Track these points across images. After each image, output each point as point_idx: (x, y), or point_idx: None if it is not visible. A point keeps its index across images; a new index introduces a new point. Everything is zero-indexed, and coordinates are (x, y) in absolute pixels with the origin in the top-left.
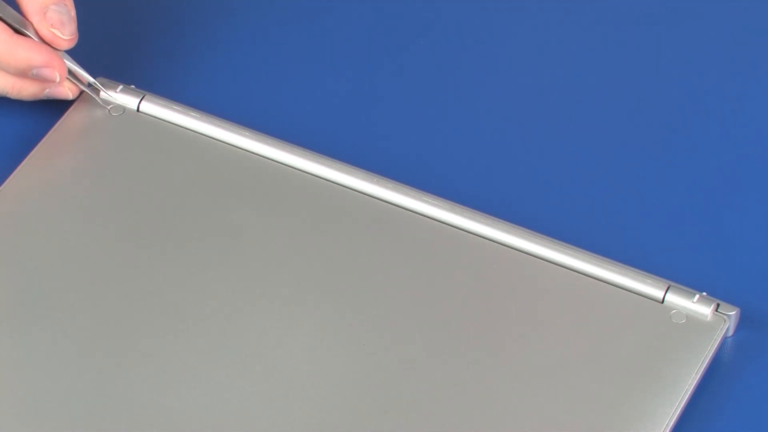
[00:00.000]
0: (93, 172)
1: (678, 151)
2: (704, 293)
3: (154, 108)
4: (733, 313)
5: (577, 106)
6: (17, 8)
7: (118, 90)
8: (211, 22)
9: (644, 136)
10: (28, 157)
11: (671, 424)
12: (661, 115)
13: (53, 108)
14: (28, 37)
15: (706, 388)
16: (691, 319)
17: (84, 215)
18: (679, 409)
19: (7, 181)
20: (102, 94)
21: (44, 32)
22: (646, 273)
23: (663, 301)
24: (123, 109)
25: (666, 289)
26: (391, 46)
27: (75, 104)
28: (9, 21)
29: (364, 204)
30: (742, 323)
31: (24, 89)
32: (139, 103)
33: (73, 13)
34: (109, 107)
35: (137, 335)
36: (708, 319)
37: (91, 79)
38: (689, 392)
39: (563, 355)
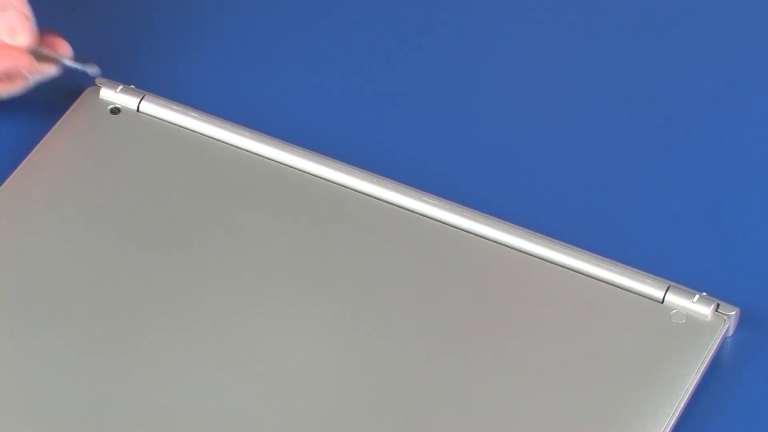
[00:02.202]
0: (93, 172)
1: (678, 151)
2: (704, 293)
3: (154, 108)
4: (733, 313)
5: (578, 107)
6: None
7: (118, 90)
8: (211, 22)
9: (644, 136)
10: (28, 157)
11: (671, 424)
12: (662, 116)
13: (53, 108)
14: None
15: (706, 388)
16: (691, 319)
17: (84, 215)
18: (679, 409)
19: (7, 181)
20: (102, 93)
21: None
22: (646, 273)
23: (663, 301)
24: (123, 109)
25: (666, 289)
26: (391, 46)
27: (75, 104)
28: None
29: (364, 204)
30: (742, 323)
31: (4, 90)
32: (139, 103)
33: (24, 10)
34: (109, 107)
35: (137, 335)
36: (708, 319)
37: (68, 61)
38: (689, 392)
39: (563, 355)
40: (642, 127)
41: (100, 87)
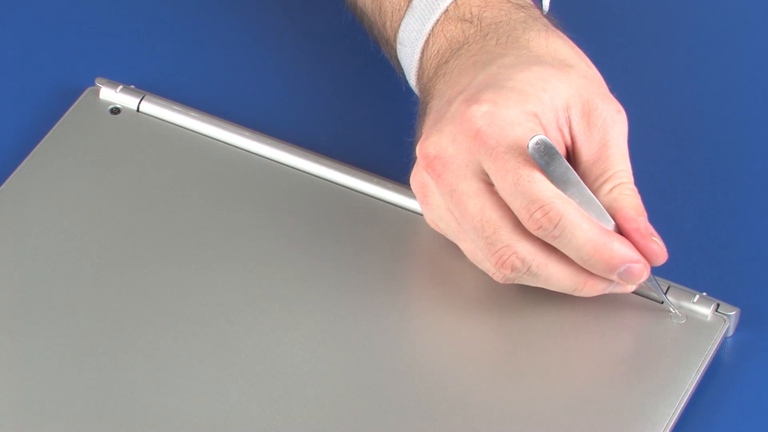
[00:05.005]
0: (93, 171)
1: (677, 151)
2: (704, 293)
3: (153, 108)
4: (733, 313)
5: None
6: None
7: (118, 90)
8: (211, 22)
9: (643, 136)
10: (28, 157)
11: (671, 424)
12: (661, 116)
13: (53, 108)
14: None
15: (706, 388)
16: (691, 320)
17: (84, 215)
18: (679, 409)
19: (7, 181)
20: (102, 94)
21: (643, 240)
22: None
23: (663, 302)
24: (123, 109)
25: (666, 289)
26: None
27: (75, 104)
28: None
29: (364, 204)
30: (742, 323)
31: (591, 287)
32: (139, 103)
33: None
34: (109, 107)
35: (137, 335)
36: (708, 319)
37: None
38: (689, 392)
39: (563, 354)
40: (641, 127)
41: (100, 87)
